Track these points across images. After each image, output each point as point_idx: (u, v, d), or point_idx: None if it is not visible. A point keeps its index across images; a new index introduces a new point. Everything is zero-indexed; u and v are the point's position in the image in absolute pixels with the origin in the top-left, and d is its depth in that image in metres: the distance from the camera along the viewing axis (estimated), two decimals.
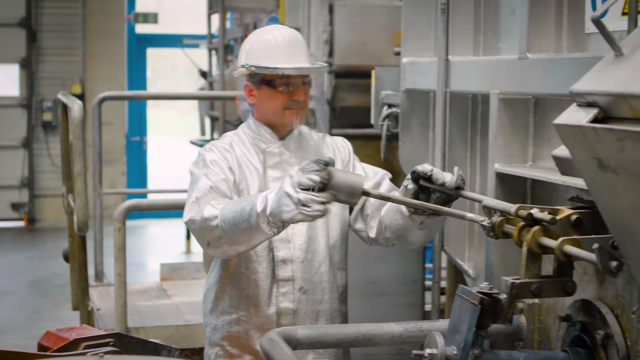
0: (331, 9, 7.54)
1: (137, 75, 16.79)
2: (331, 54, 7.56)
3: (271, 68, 3.50)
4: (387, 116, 5.06)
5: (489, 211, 2.85)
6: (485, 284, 2.64)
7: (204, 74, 13.96)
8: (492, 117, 3.41)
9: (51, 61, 15.23)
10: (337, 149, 3.71)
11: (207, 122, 14.18)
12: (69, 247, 6.25)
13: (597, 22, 2.11)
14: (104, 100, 6.79)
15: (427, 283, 5.79)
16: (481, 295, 2.58)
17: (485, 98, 3.72)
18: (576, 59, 2.95)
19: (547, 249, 2.56)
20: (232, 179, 3.49)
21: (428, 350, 2.61)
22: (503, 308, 2.59)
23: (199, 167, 3.51)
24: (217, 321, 3.63)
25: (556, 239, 2.53)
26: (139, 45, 16.96)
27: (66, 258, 6.30)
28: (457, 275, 4.76)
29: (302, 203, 3.00)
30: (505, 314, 2.59)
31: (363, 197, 3.32)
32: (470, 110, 3.99)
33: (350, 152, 3.72)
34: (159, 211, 12.41)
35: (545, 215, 2.58)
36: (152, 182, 17.11)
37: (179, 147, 19.69)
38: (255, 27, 10.36)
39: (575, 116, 2.13)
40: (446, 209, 3.10)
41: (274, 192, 3.12)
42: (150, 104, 18.56)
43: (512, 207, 2.69)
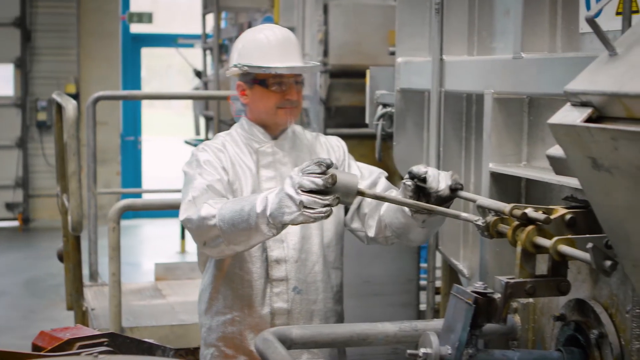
0: (326, 9, 7.53)
1: (132, 75, 16.78)
2: (326, 53, 7.56)
3: (264, 67, 3.50)
4: (382, 116, 5.05)
5: (483, 211, 2.85)
6: (479, 283, 2.64)
7: (198, 74, 13.96)
8: (486, 116, 3.42)
9: (46, 61, 15.22)
10: (331, 148, 3.70)
11: (202, 122, 14.18)
12: (63, 247, 6.23)
13: (591, 21, 2.11)
14: (98, 100, 6.78)
15: (422, 282, 5.79)
16: (476, 295, 2.58)
17: (479, 98, 3.72)
18: (570, 59, 2.95)
19: (541, 249, 2.57)
20: (226, 178, 3.48)
21: (422, 350, 2.61)
22: (497, 307, 2.59)
23: (193, 167, 3.50)
24: (212, 322, 3.62)
25: (550, 238, 2.53)
26: (134, 45, 16.95)
27: (60, 258, 6.29)
28: (451, 274, 4.76)
29: (304, 205, 3.00)
30: (499, 314, 2.59)
31: (359, 197, 3.32)
32: (465, 109, 4.00)
33: (344, 151, 3.71)
34: (153, 211, 12.47)
35: (540, 215, 2.58)
36: (147, 182, 17.10)
37: (174, 147, 19.70)
38: (249, 26, 10.34)
39: (570, 116, 2.13)
40: (441, 208, 3.10)
41: (274, 193, 3.11)
42: (145, 103, 18.55)
43: (506, 207, 2.69)
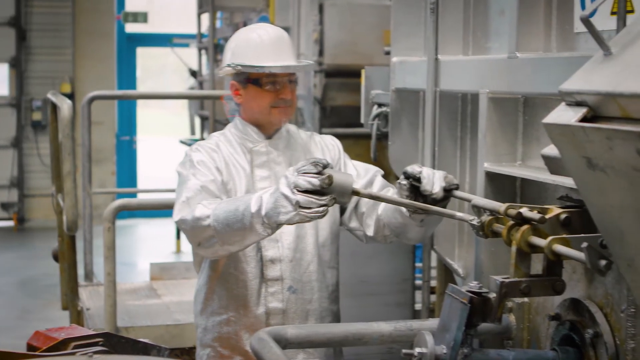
0: (321, 9, 7.54)
1: (127, 74, 16.77)
2: (321, 53, 7.57)
3: (257, 67, 3.49)
4: (377, 115, 5.05)
5: (478, 210, 2.85)
6: (474, 283, 2.64)
7: (193, 74, 13.97)
8: (481, 116, 3.42)
9: (41, 60, 15.20)
10: (325, 147, 3.69)
11: (197, 122, 14.19)
12: (58, 247, 6.23)
13: (586, 21, 2.11)
14: (93, 99, 6.78)
15: (417, 282, 5.79)
16: (471, 294, 2.58)
17: (474, 97, 3.73)
18: (565, 59, 2.95)
19: (536, 248, 2.57)
20: (219, 179, 3.48)
21: (418, 350, 2.61)
22: (492, 307, 2.59)
23: (186, 167, 3.49)
24: (207, 322, 3.62)
25: (545, 238, 2.54)
26: (129, 44, 16.94)
27: (56, 258, 6.29)
28: (447, 274, 4.77)
29: (300, 205, 2.99)
30: (494, 313, 2.59)
31: (356, 196, 3.32)
32: (460, 109, 4.00)
33: (339, 150, 3.71)
34: (148, 211, 12.48)
35: (535, 215, 2.58)
36: (142, 182, 17.09)
37: (169, 147, 19.68)
38: (245, 26, 10.35)
39: (564, 115, 2.13)
40: (436, 208, 3.10)
41: (268, 193, 3.10)
42: (140, 103, 18.55)
43: (501, 206, 2.69)
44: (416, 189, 3.18)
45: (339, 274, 3.70)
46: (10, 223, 15.21)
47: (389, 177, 3.77)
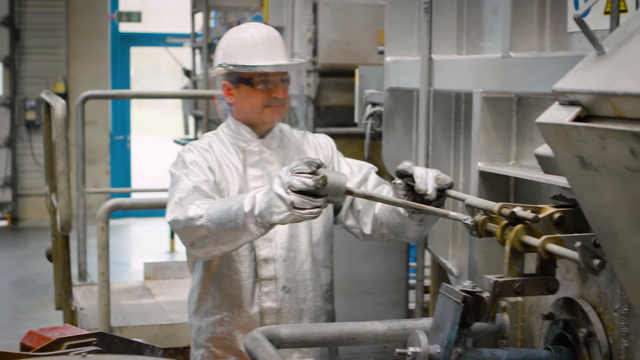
0: (315, 8, 7.54)
1: (121, 74, 16.76)
2: (315, 52, 7.57)
3: (249, 66, 3.48)
4: (371, 115, 5.05)
5: (472, 210, 2.85)
6: (468, 282, 2.64)
7: (187, 73, 13.95)
8: (475, 115, 3.42)
9: (34, 60, 15.18)
10: (318, 146, 3.69)
11: (191, 121, 14.16)
12: (52, 247, 6.23)
13: (580, 21, 2.12)
14: (87, 99, 6.78)
15: (411, 281, 5.80)
16: (464, 294, 2.58)
17: (468, 97, 3.73)
18: (559, 58, 2.96)
19: (529, 248, 2.57)
20: (212, 179, 3.47)
21: (411, 349, 2.61)
22: (486, 306, 2.59)
23: (179, 168, 3.48)
24: (201, 322, 3.61)
25: (539, 237, 2.54)
26: (123, 44, 16.93)
27: (49, 257, 6.29)
28: (440, 273, 4.77)
29: (295, 206, 2.99)
30: (488, 312, 2.59)
31: None
32: (454, 109, 4.00)
33: (333, 148, 3.70)
34: (142, 210, 12.45)
35: (528, 214, 2.58)
36: (136, 181, 17.08)
37: (163, 146, 19.66)
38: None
39: (558, 115, 2.13)
40: (430, 207, 3.09)
41: (261, 192, 3.10)
42: (134, 103, 18.53)
43: (495, 206, 2.69)
44: (412, 188, 3.18)
45: (333, 273, 3.70)
46: (4, 223, 15.20)
47: (382, 176, 3.76)
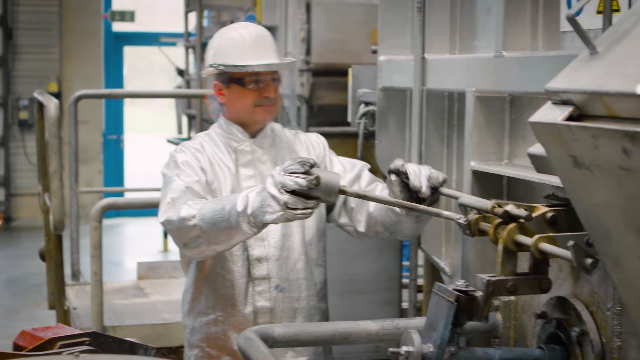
0: (308, 7, 7.53)
1: (114, 73, 16.74)
2: (308, 52, 7.56)
3: (240, 66, 3.48)
4: (364, 114, 5.06)
5: (465, 209, 2.86)
6: (461, 281, 2.64)
7: (181, 72, 13.93)
8: (468, 115, 3.42)
9: (28, 59, 15.16)
10: (310, 145, 3.69)
11: (184, 121, 14.15)
12: (45, 246, 6.22)
13: (572, 20, 2.12)
14: (80, 98, 6.77)
15: (404, 281, 5.80)
16: (457, 293, 2.59)
17: (461, 96, 3.73)
18: (551, 57, 2.96)
19: (522, 247, 2.57)
20: (204, 179, 3.47)
21: (404, 348, 2.61)
22: (479, 305, 2.59)
23: (171, 168, 3.48)
24: (194, 322, 3.61)
25: (532, 236, 2.54)
26: (116, 43, 16.90)
27: (42, 257, 6.28)
28: (434, 272, 4.77)
29: (288, 206, 2.98)
30: (481, 312, 2.59)
31: None
32: (447, 108, 4.00)
33: (325, 147, 3.70)
34: (136, 210, 12.44)
35: (521, 212, 2.59)
36: (129, 181, 17.06)
37: (156, 146, 19.64)
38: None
39: (550, 114, 2.13)
40: (423, 207, 3.09)
41: (254, 192, 3.10)
42: (127, 102, 18.49)
43: (488, 204, 2.69)
44: (406, 185, 3.17)
45: (326, 272, 3.70)
46: None
47: (376, 175, 3.77)
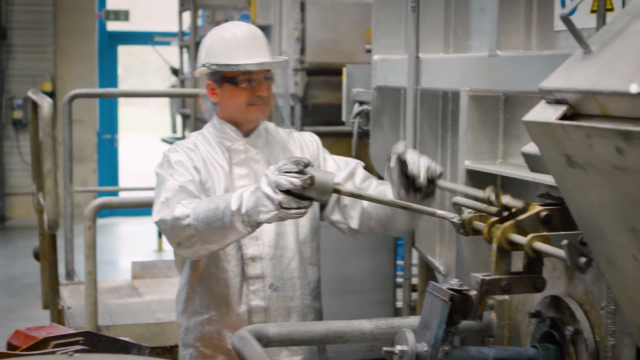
0: (303, 7, 7.53)
1: (108, 72, 16.72)
2: (303, 51, 7.56)
3: (232, 65, 3.48)
4: (359, 113, 5.06)
5: (459, 208, 2.86)
6: (455, 280, 2.64)
7: (175, 72, 13.92)
8: (462, 114, 3.42)
9: (22, 58, 15.12)
10: (304, 144, 3.69)
11: (179, 120, 14.15)
12: (39, 246, 6.21)
13: (566, 19, 2.12)
14: (74, 97, 6.75)
15: (399, 280, 5.80)
16: (451, 292, 2.59)
17: (455, 95, 3.73)
18: (545, 57, 2.96)
19: (516, 246, 2.57)
20: (197, 178, 3.47)
21: (398, 347, 2.61)
22: (473, 304, 2.59)
23: (164, 168, 3.48)
24: (189, 322, 3.61)
25: (526, 235, 2.54)
26: (110, 42, 16.89)
27: (36, 256, 6.27)
28: (428, 272, 4.77)
29: (282, 205, 2.98)
30: (475, 311, 2.59)
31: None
32: (441, 107, 4.01)
33: (318, 145, 3.70)
34: (130, 209, 12.42)
35: (517, 202, 2.60)
36: (124, 180, 17.03)
37: (151, 145, 19.62)
38: None
39: (544, 113, 2.13)
40: (416, 205, 3.08)
41: (248, 191, 3.10)
42: (122, 101, 18.47)
43: (484, 194, 2.71)
44: (405, 173, 3.16)
45: (320, 271, 3.70)
46: None
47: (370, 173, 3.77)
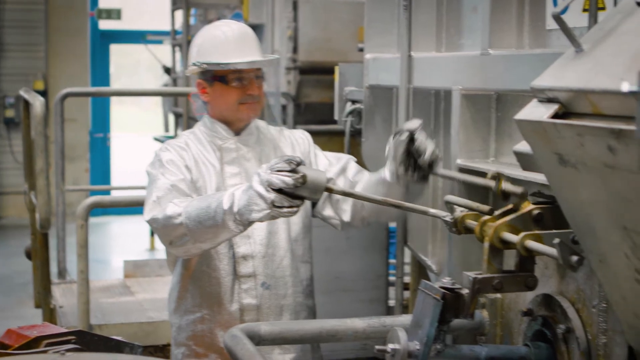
0: (295, 5, 7.54)
1: (101, 71, 16.68)
2: (295, 50, 7.57)
3: (222, 64, 3.48)
4: (351, 112, 5.06)
5: (451, 207, 2.86)
6: (447, 279, 2.64)
7: (167, 70, 13.91)
8: (454, 113, 3.43)
9: (14, 57, 15.09)
10: (295, 141, 3.69)
11: (171, 119, 14.13)
12: (31, 245, 6.20)
13: (558, 18, 2.12)
14: (66, 96, 6.75)
15: (391, 278, 5.79)
16: (443, 291, 2.59)
17: (447, 94, 3.74)
18: (537, 55, 2.97)
19: (508, 244, 2.58)
20: (189, 177, 3.46)
21: (391, 346, 2.61)
22: (465, 303, 2.59)
23: (156, 167, 3.48)
24: (181, 321, 3.61)
25: (518, 234, 2.55)
26: (102, 41, 16.85)
27: (28, 255, 6.26)
28: (420, 270, 4.77)
29: (274, 204, 2.99)
30: (467, 309, 2.60)
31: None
32: (433, 106, 4.01)
33: (309, 142, 3.70)
34: (122, 208, 12.38)
35: (516, 188, 2.61)
36: (116, 179, 17.00)
37: (143, 144, 19.59)
38: None
39: (536, 112, 2.14)
40: (409, 204, 3.09)
41: (240, 190, 3.10)
42: (114, 100, 18.44)
43: (487, 181, 2.73)
44: (409, 149, 3.17)
45: (312, 268, 3.70)
46: None
47: None
